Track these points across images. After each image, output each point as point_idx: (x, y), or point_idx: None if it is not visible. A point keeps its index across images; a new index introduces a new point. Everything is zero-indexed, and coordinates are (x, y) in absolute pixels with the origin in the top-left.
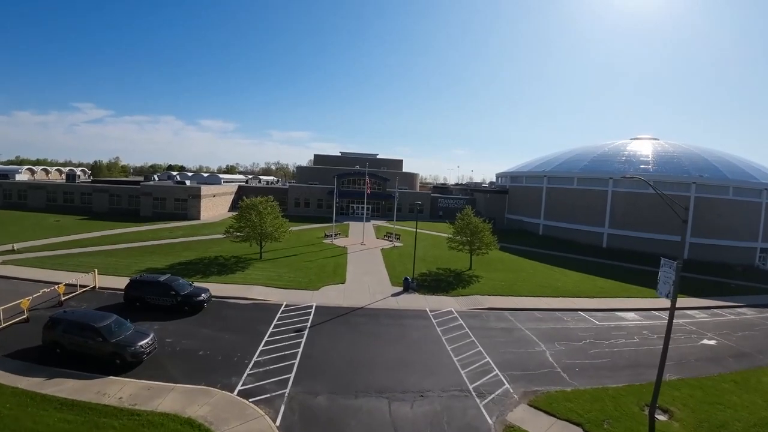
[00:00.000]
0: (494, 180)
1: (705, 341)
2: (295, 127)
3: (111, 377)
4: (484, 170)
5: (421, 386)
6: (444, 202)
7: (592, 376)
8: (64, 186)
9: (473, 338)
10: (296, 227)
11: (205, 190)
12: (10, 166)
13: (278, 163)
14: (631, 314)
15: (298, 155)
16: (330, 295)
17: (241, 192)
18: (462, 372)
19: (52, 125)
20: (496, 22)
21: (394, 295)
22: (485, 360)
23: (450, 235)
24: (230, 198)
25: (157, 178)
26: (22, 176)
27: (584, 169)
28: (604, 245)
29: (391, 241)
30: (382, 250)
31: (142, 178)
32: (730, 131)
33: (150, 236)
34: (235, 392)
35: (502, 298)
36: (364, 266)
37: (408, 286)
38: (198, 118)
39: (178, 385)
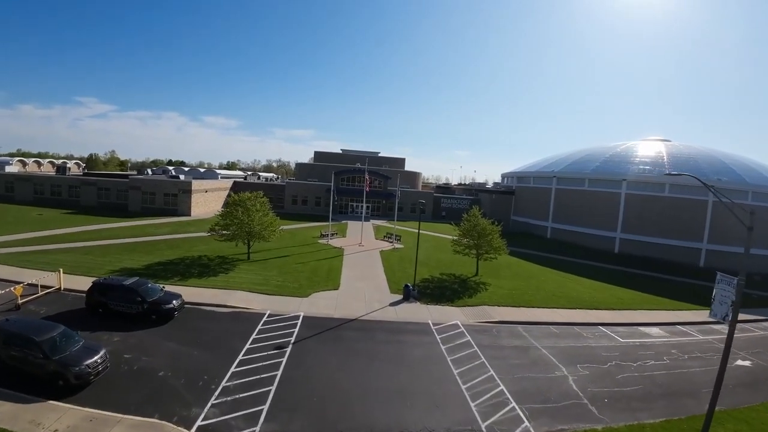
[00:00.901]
0: (498, 180)
1: (739, 362)
2: (298, 125)
3: (51, 402)
4: (486, 172)
5: (423, 424)
6: (447, 202)
7: (623, 409)
8: (51, 178)
9: (483, 359)
10: (292, 226)
11: (196, 184)
12: (1, 158)
13: (280, 160)
14: (656, 329)
15: (301, 153)
16: (320, 304)
17: (237, 188)
18: (472, 405)
19: (55, 119)
20: (499, 20)
21: (392, 304)
22: (499, 388)
23: (456, 238)
24: (224, 194)
25: (150, 172)
26: (12, 168)
27: (596, 170)
28: (615, 250)
29: (391, 242)
30: (382, 252)
31: (135, 172)
32: (731, 132)
33: (134, 232)
34: (194, 429)
35: (513, 310)
36: (361, 270)
37: (409, 294)
38: (201, 114)
39: (125, 416)
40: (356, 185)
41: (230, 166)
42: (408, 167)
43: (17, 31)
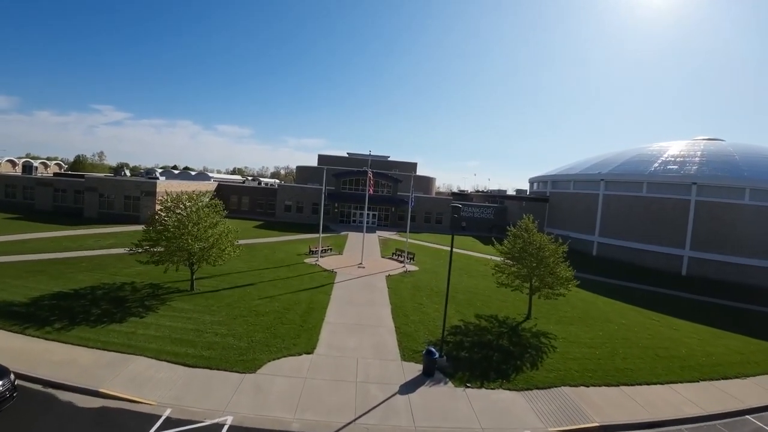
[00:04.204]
0: (519, 188)
1: None
2: (310, 134)
3: None
4: (499, 181)
5: None
6: (468, 211)
7: None
8: (5, 178)
9: None
10: (277, 238)
11: (162, 186)
12: None
13: (287, 167)
14: None
15: (311, 162)
16: (273, 392)
17: (221, 192)
18: None
19: (71, 126)
20: (507, 24)
21: (405, 388)
22: None
23: (501, 261)
24: (204, 198)
25: (128, 173)
26: None
27: (656, 173)
28: (683, 272)
29: (401, 261)
30: (389, 277)
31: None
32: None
33: (66, 245)
34: None
35: (612, 393)
36: (357, 311)
37: (433, 367)
38: (214, 123)
39: None
40: (360, 189)
41: (236, 171)
42: (419, 173)
43: (33, 36)
